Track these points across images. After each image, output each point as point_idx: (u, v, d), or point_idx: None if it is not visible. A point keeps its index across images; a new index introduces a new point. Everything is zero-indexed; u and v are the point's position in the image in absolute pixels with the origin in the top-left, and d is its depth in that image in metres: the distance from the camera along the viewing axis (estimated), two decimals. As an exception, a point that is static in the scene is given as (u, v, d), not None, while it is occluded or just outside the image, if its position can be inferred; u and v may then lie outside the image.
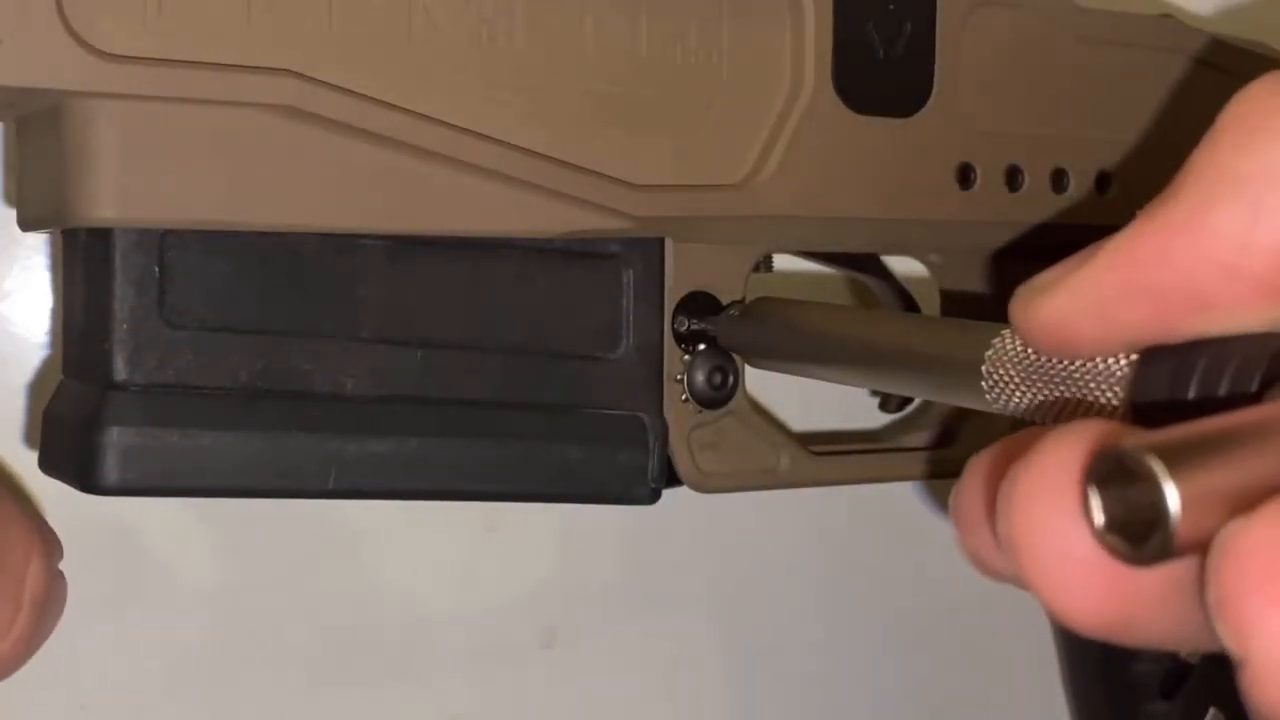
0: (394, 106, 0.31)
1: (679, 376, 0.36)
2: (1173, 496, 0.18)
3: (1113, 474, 0.18)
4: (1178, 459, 0.18)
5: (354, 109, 0.31)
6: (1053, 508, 0.19)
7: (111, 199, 0.29)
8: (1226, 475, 0.18)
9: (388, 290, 0.33)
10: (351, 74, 0.31)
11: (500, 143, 0.32)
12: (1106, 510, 0.19)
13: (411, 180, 0.32)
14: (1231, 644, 0.18)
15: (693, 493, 0.36)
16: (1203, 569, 0.18)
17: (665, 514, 0.38)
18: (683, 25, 0.34)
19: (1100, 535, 0.19)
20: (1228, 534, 0.18)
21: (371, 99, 0.31)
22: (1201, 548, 0.18)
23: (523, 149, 0.32)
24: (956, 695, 0.51)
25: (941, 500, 0.48)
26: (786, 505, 0.45)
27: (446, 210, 0.32)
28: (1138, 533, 0.18)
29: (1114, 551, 0.18)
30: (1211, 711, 0.44)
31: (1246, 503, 0.18)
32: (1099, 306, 0.22)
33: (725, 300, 0.36)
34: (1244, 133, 0.21)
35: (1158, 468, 0.18)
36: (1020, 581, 0.21)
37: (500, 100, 0.32)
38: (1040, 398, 0.25)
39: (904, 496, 0.48)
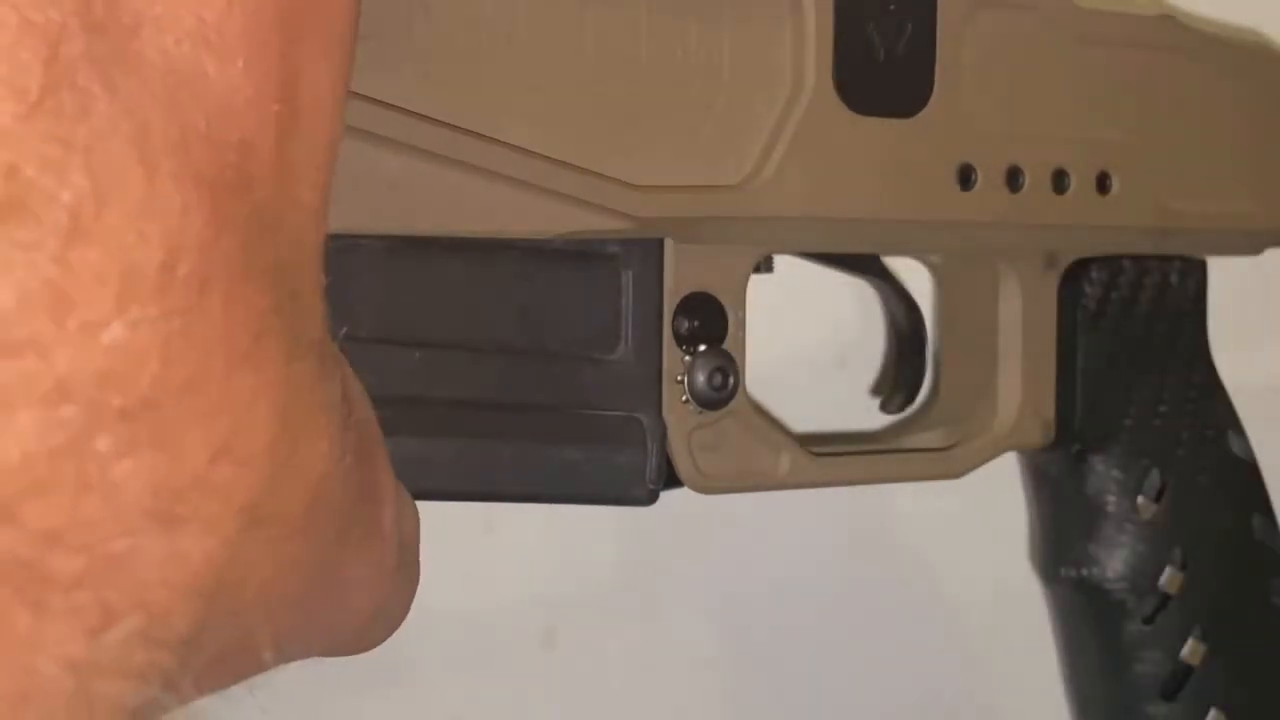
0: (393, 107, 0.31)
1: (679, 377, 0.36)
2: None
3: None
4: None
5: (353, 110, 0.30)
6: None
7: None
8: None
9: (387, 290, 0.32)
10: (351, 74, 0.31)
11: (500, 143, 0.32)
12: None
13: (411, 180, 0.31)
14: None
15: (693, 493, 0.36)
16: None
17: (665, 515, 0.37)
18: (683, 25, 0.34)
19: None
20: None
21: (371, 99, 0.31)
22: None
23: (522, 149, 0.32)
24: (957, 696, 0.51)
25: (942, 501, 0.48)
26: (787, 506, 0.45)
27: (446, 210, 0.32)
28: None
29: None
30: (1212, 713, 0.44)
31: None
32: None
33: (726, 301, 0.36)
34: None
35: None
36: None
37: (500, 101, 0.32)
38: None
39: (905, 498, 0.48)
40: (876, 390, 0.45)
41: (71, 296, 0.17)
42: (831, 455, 0.39)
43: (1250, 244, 0.46)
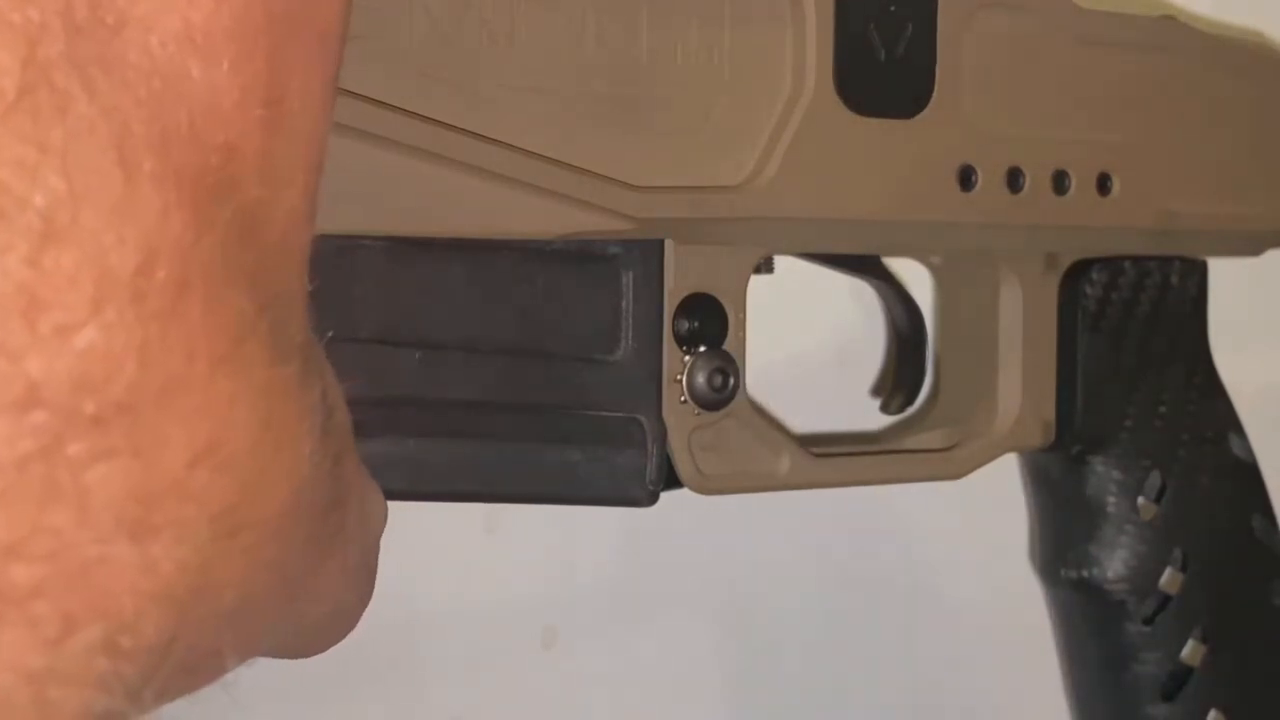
0: (394, 108, 0.31)
1: (679, 378, 0.36)
2: None
3: None
4: None
5: (353, 110, 0.30)
6: None
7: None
8: None
9: (387, 290, 0.32)
10: (351, 75, 0.31)
11: (500, 144, 0.32)
12: None
13: (411, 181, 0.31)
14: None
15: (693, 494, 0.36)
16: None
17: (665, 515, 0.37)
18: (683, 26, 0.34)
19: None
20: None
21: (371, 100, 0.31)
22: None
23: (522, 150, 0.32)
24: (956, 697, 0.51)
25: (942, 502, 0.48)
26: (787, 507, 0.45)
27: (446, 211, 0.32)
28: None
29: None
30: (1212, 714, 0.44)
31: None
32: None
33: (726, 302, 0.36)
34: None
35: None
36: None
37: (500, 101, 0.32)
38: None
39: (905, 498, 0.48)
40: (876, 391, 0.45)
41: (44, 300, 0.17)
42: (832, 456, 0.39)
43: (1251, 245, 0.46)
